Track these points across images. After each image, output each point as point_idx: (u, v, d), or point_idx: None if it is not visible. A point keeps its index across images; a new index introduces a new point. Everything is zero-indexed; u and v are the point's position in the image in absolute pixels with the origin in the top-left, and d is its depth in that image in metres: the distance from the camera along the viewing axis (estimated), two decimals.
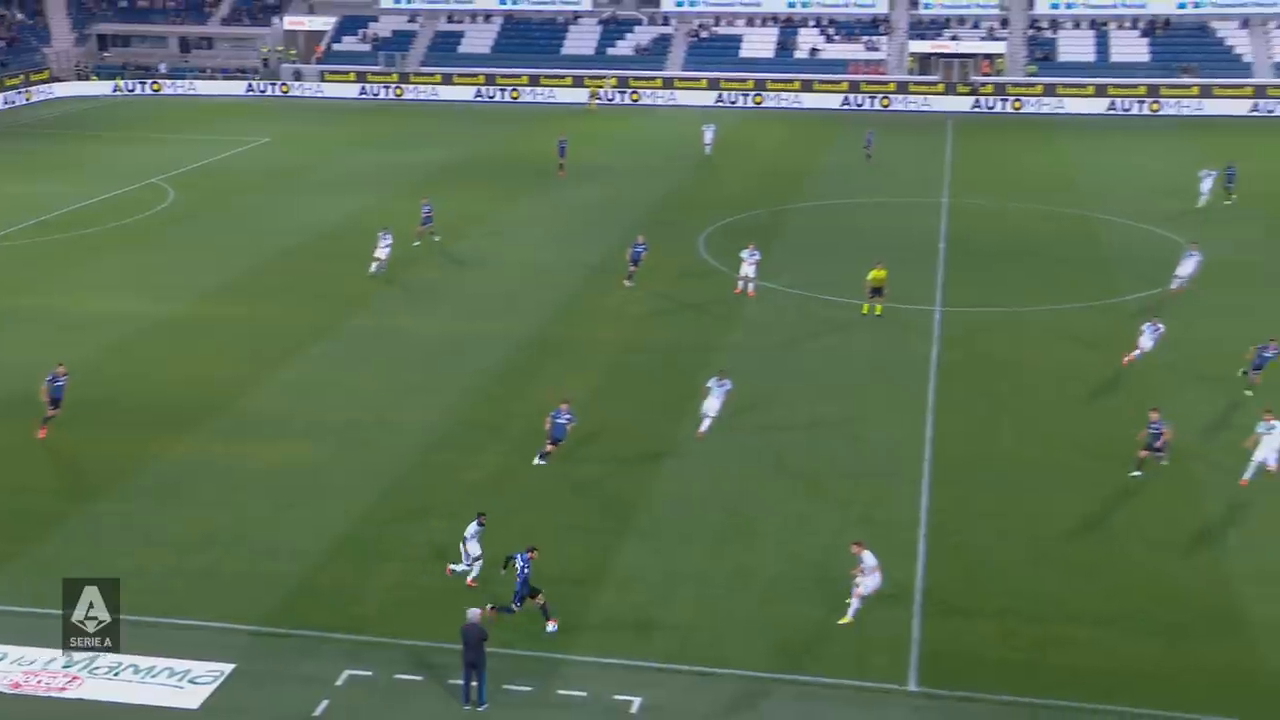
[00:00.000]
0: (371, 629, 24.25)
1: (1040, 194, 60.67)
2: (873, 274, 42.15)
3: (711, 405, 32.29)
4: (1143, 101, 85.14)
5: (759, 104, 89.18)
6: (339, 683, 22.69)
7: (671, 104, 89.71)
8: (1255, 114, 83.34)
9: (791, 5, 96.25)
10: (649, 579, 25.80)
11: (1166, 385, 36.07)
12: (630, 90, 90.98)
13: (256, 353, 39.24)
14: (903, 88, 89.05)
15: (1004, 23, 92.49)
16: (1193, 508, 29.11)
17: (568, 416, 31.07)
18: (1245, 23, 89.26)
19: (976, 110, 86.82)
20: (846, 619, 24.41)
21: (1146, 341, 36.69)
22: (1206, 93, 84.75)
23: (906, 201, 59.56)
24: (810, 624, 24.55)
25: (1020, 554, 27.08)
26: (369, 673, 22.94)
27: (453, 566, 26.01)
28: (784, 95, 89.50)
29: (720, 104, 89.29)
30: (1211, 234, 51.54)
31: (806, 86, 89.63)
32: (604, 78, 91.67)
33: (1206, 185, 55.98)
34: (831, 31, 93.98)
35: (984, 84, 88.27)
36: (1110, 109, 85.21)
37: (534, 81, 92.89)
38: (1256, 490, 29.63)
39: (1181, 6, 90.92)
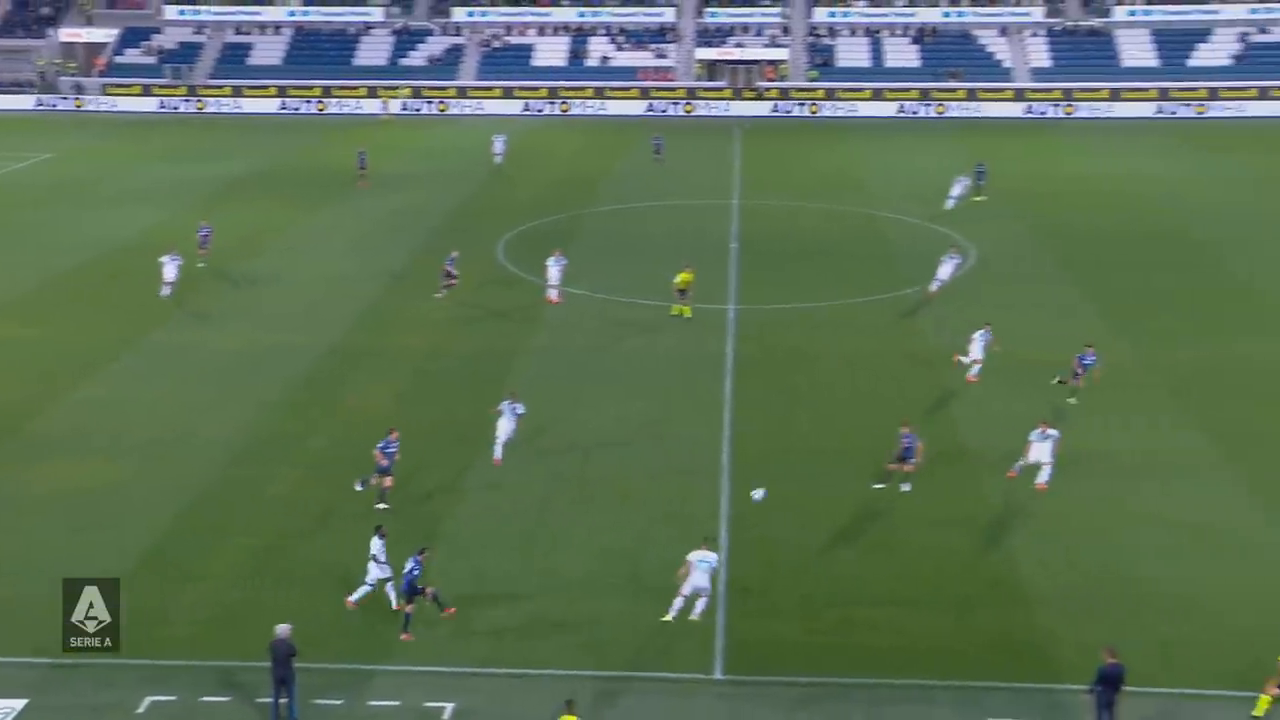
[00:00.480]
0: (176, 652, 23.21)
1: (828, 194, 62.19)
2: (680, 276, 42.39)
3: (504, 428, 30.99)
4: (916, 104, 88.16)
5: (562, 111, 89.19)
6: (140, 710, 21.62)
7: (468, 113, 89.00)
8: (1016, 115, 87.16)
9: (582, 15, 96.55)
10: (459, 585, 25.38)
11: (976, 387, 37.28)
12: (427, 101, 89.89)
13: (47, 373, 37.29)
14: (691, 93, 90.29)
15: (785, 30, 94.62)
16: (974, 491, 30.14)
17: (395, 446, 28.92)
18: (1003, 30, 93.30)
19: (763, 114, 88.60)
20: (668, 616, 24.11)
21: (977, 349, 35.99)
22: (973, 95, 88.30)
23: (699, 204, 60.33)
24: (619, 620, 24.52)
25: (820, 541, 27.55)
26: (173, 698, 21.92)
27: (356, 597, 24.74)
28: (580, 103, 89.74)
29: (516, 113, 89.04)
30: (979, 232, 53.70)
31: (599, 94, 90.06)
32: (398, 88, 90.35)
33: (957, 190, 57.31)
34: (622, 40, 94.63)
35: (768, 89, 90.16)
36: (887, 112, 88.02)
37: (327, 93, 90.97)
38: (1029, 476, 30.87)
39: (946, 15, 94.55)
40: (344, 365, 38.40)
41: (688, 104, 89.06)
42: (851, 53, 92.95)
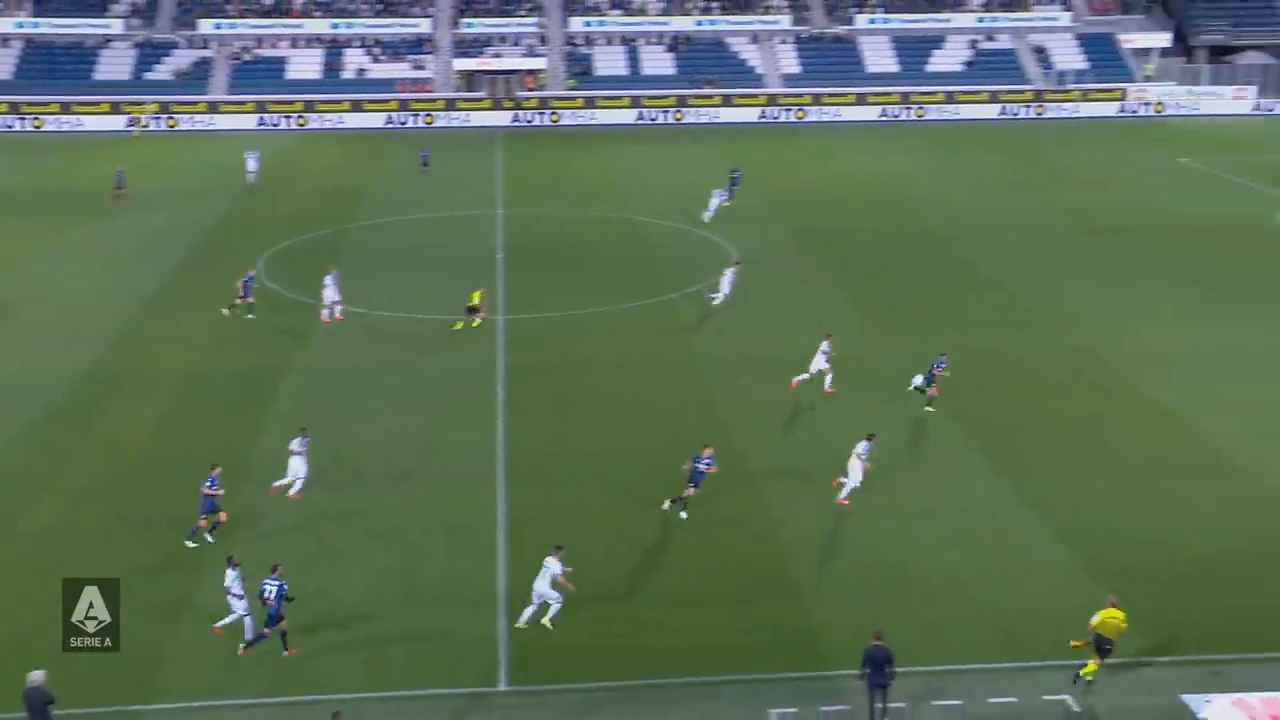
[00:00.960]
0: None
1: (591, 201, 62.67)
2: (474, 295, 42.14)
3: (297, 467, 29.92)
4: (671, 111, 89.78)
5: (303, 126, 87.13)
6: None
7: (219, 128, 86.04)
8: (765, 120, 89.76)
9: (335, 27, 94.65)
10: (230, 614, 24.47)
11: (725, 389, 38.07)
12: (176, 116, 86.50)
13: None
14: (450, 104, 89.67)
15: (543, 40, 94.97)
16: (749, 491, 30.84)
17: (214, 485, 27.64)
18: (755, 38, 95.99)
19: (523, 124, 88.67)
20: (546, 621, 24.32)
21: (821, 360, 36.07)
22: (727, 102, 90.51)
23: (464, 215, 59.93)
24: (399, 638, 24.13)
25: (602, 544, 27.74)
26: None
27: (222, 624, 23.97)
28: (332, 116, 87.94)
29: (271, 127, 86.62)
30: (738, 236, 55.06)
31: (356, 106, 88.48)
32: (144, 103, 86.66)
33: (715, 202, 58.08)
34: (378, 51, 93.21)
35: (528, 98, 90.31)
36: (645, 119, 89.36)
37: (65, 109, 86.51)
38: (816, 469, 31.77)
39: (699, 24, 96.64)
40: (105, 389, 36.61)
41: (428, 115, 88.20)
42: (609, 61, 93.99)
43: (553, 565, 24.32)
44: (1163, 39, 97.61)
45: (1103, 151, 77.25)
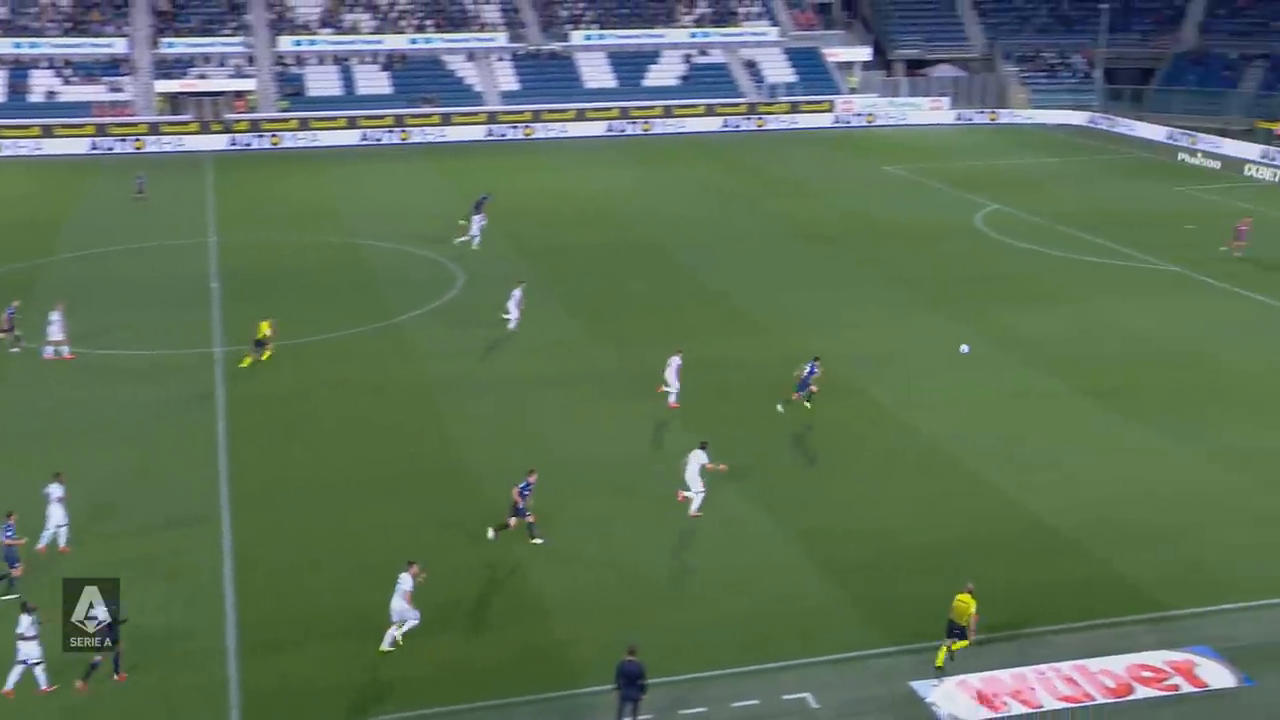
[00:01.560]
0: None
1: (308, 225, 60.97)
2: (262, 326, 40.39)
3: (58, 515, 27.92)
4: (392, 131, 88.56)
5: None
6: None
7: None
8: (492, 138, 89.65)
9: (18, 46, 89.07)
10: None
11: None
12: None
13: None
14: (155, 128, 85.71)
15: (251, 60, 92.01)
16: (480, 508, 30.50)
17: (12, 531, 25.82)
18: (471, 56, 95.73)
19: (235, 147, 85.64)
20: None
21: (672, 375, 36.56)
22: (447, 120, 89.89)
23: (175, 244, 57.30)
24: (114, 693, 22.69)
25: (335, 576, 26.86)
26: None
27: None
28: (25, 142, 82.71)
29: None
30: (467, 255, 54.71)
31: (48, 131, 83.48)
32: None
33: (476, 228, 56.73)
34: (69, 73, 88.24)
35: (238, 121, 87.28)
36: (363, 140, 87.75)
37: None
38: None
39: (414, 42, 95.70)
40: None
41: (137, 140, 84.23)
42: (322, 81, 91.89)
43: (404, 581, 24.12)
44: (863, 53, 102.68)
45: (816, 162, 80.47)
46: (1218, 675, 23.42)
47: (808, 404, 36.30)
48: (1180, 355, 41.50)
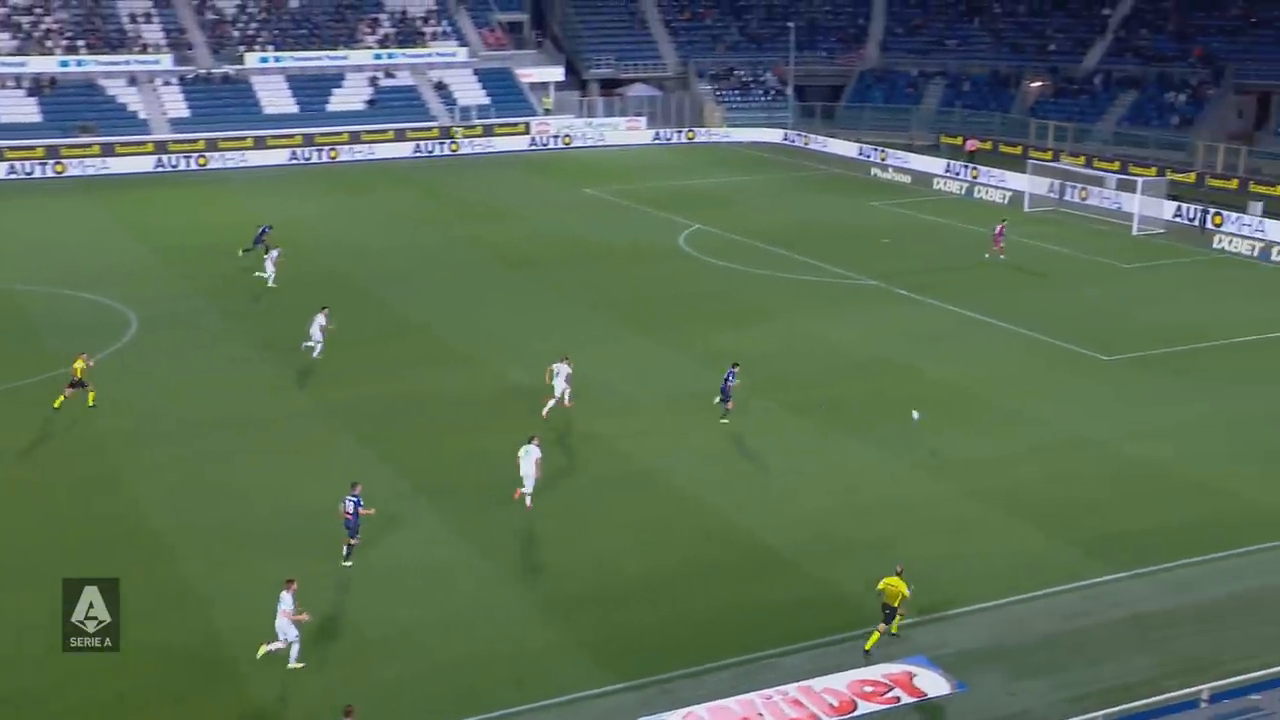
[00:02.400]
0: None
1: None
2: (76, 363, 38.40)
3: None
4: (44, 163, 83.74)
5: None
6: None
7: None
8: (162, 169, 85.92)
9: None
10: None
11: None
12: None
13: None
14: None
15: None
16: (172, 570, 29.04)
17: None
18: (133, 80, 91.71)
19: None
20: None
21: (560, 382, 38.26)
22: (109, 151, 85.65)
23: None
24: None
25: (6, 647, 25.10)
26: None
27: None
28: None
29: None
30: (138, 293, 52.26)
31: None
32: None
33: (270, 265, 54.65)
34: None
35: None
36: (10, 173, 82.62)
37: None
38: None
39: (65, 65, 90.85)
40: None
41: None
42: None
43: (284, 600, 24.60)
44: (556, 73, 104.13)
45: (515, 186, 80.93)
46: (934, 684, 24.69)
47: (723, 419, 37.98)
48: (883, 367, 43.71)
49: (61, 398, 38.38)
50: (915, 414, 37.07)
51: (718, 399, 38.27)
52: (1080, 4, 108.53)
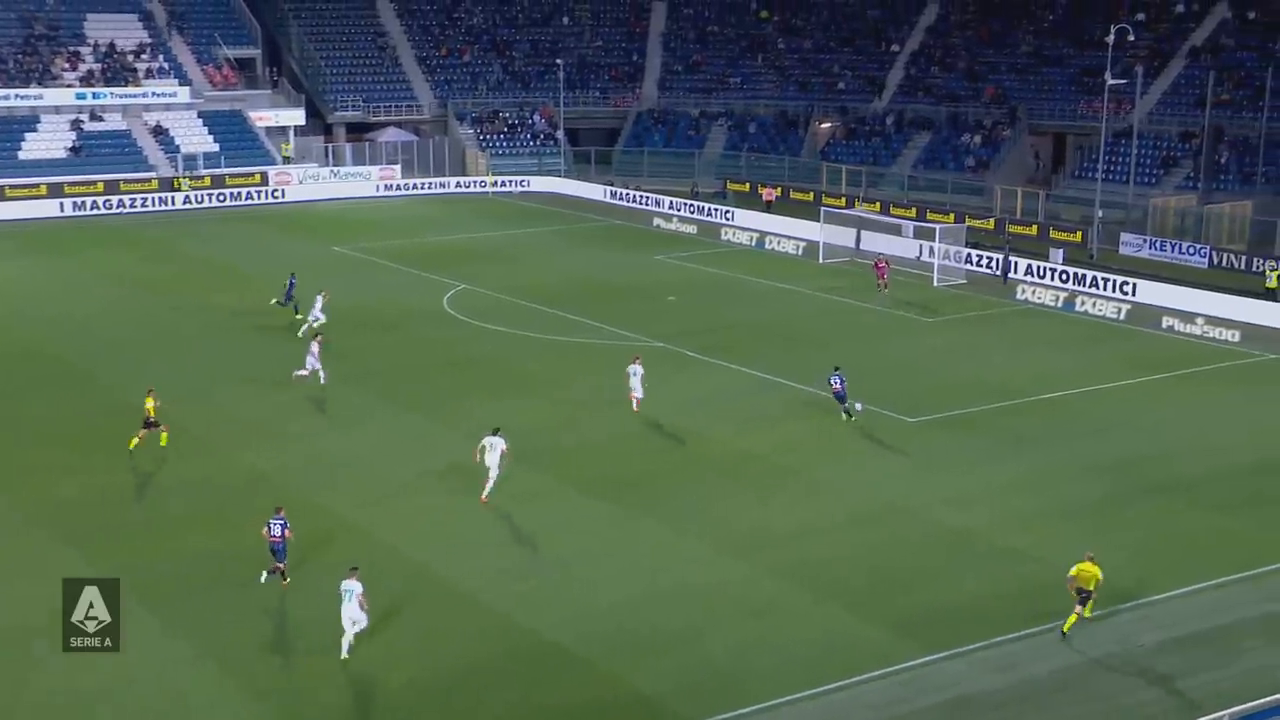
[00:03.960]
0: None
1: None
2: (148, 401, 41.49)
3: None
4: None
5: None
6: None
7: None
8: None
9: None
10: None
11: None
12: None
13: None
14: None
15: None
16: None
17: None
18: None
19: None
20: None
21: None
22: None
23: None
24: None
25: None
26: None
27: None
28: None
29: None
30: None
31: None
32: None
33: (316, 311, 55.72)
34: None
35: None
36: None
37: None
38: None
39: None
40: None
41: None
42: None
43: (355, 586, 28.74)
44: (296, 116, 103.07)
45: (253, 243, 79.51)
46: None
47: (850, 415, 45.01)
48: (673, 437, 44.23)
49: (135, 439, 41.37)
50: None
51: (843, 411, 45.03)
52: (868, 40, 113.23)
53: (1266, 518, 37.79)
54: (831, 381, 45.21)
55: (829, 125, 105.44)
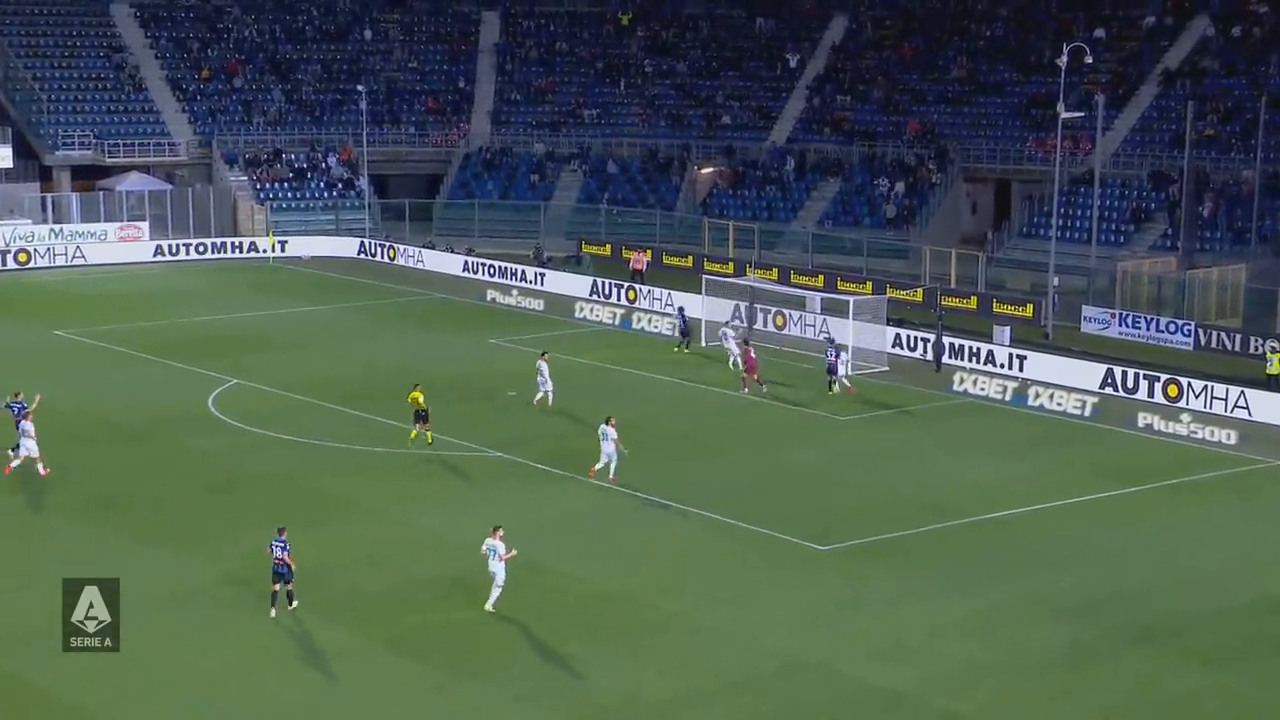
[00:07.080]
0: None
1: None
2: (417, 394, 54.83)
3: None
4: None
5: None
6: None
7: None
8: None
9: None
10: None
11: None
12: None
13: None
14: None
15: None
16: None
17: None
18: None
19: None
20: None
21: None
22: None
23: None
24: None
25: None
26: None
27: None
28: None
29: None
30: None
31: None
32: None
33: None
34: None
35: None
36: None
37: None
38: None
39: None
40: None
41: None
42: None
43: (498, 545, 39.07)
44: (3, 156, 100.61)
45: None
46: None
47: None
48: (514, 574, 43.84)
49: (415, 432, 54.06)
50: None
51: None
52: (759, 62, 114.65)
53: (1276, 671, 38.10)
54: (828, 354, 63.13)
55: (711, 170, 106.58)
